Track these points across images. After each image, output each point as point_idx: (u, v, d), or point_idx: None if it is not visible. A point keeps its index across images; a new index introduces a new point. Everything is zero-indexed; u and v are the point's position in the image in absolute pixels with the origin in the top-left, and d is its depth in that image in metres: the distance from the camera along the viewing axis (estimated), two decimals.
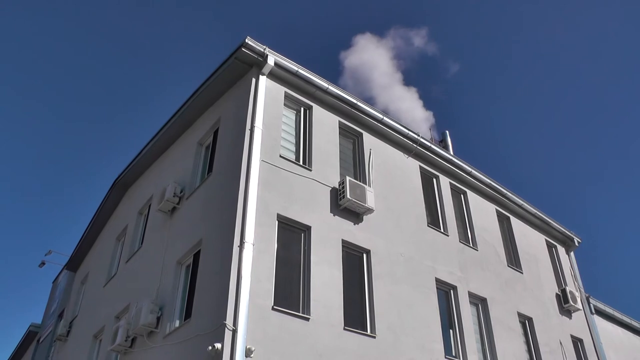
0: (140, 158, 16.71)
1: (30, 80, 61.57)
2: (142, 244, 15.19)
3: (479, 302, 14.64)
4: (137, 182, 17.90)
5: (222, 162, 12.09)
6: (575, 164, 59.15)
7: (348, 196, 11.86)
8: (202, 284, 10.78)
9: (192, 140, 14.24)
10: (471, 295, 14.34)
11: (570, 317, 18.15)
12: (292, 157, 12.23)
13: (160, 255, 13.27)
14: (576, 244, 20.62)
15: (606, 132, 58.60)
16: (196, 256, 11.66)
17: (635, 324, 22.52)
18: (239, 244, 9.79)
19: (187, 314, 11.12)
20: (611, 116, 57.00)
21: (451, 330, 13.38)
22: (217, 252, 10.50)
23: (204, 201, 12.08)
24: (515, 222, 18.08)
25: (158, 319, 11.79)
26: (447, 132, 20.27)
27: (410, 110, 31.41)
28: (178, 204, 13.19)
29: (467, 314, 13.81)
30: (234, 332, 8.99)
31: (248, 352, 8.98)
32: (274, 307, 9.84)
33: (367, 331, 11.11)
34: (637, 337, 22.60)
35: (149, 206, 15.72)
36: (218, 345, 8.89)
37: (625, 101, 55.70)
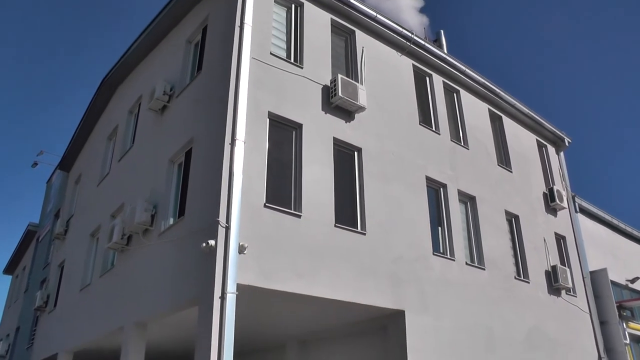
0: (127, 56, 16.36)
1: None
2: (133, 143, 15.18)
3: (468, 200, 14.94)
4: (126, 81, 17.63)
5: (212, 59, 11.85)
6: (570, 65, 58.48)
7: (340, 94, 11.75)
8: (194, 182, 10.89)
9: (180, 38, 13.88)
10: (460, 194, 14.60)
11: (555, 215, 18.61)
12: (283, 54, 11.98)
13: (152, 154, 13.32)
14: (566, 144, 20.76)
15: (602, 33, 57.52)
16: (188, 154, 11.71)
17: (616, 222, 23.17)
18: (230, 142, 9.78)
19: (181, 211, 11.32)
20: (609, 17, 55.74)
21: (440, 228, 13.74)
22: (209, 150, 10.52)
23: (195, 99, 11.96)
24: (507, 122, 18.10)
25: (152, 217, 12.00)
26: (442, 31, 19.81)
27: (406, 10, 30.44)
28: (168, 102, 13.06)
29: (456, 212, 14.13)
30: (227, 229, 9.18)
31: (241, 249, 9.21)
32: (266, 204, 9.99)
33: (357, 228, 11.38)
34: (617, 234, 23.34)
35: (139, 105, 15.58)
36: (212, 242, 9.12)
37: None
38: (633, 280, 22.19)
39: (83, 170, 20.62)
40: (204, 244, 9.11)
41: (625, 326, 19.59)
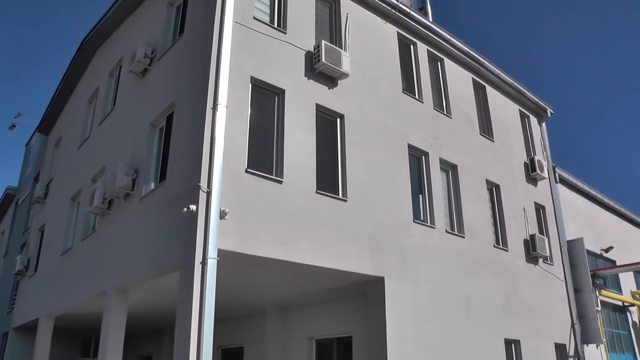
0: (107, 18, 16.05)
1: None
2: (114, 106, 14.99)
3: (450, 169, 15.03)
4: (107, 43, 17.31)
5: (194, 23, 11.66)
6: (554, 37, 58.44)
7: (323, 60, 11.65)
8: (175, 147, 10.82)
9: (162, 0, 13.61)
10: (442, 162, 14.68)
11: (535, 185, 18.83)
12: (267, 19, 11.81)
13: (133, 118, 13.18)
14: (549, 114, 20.89)
15: (589, 6, 57.42)
16: (169, 118, 11.60)
17: (594, 192, 23.53)
18: (212, 107, 9.68)
19: (162, 176, 11.25)
20: None
21: (421, 196, 13.83)
22: (191, 114, 10.42)
23: (176, 63, 11.80)
24: (491, 92, 18.12)
25: (133, 181, 11.94)
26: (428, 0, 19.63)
27: None
28: (149, 65, 12.87)
29: (437, 180, 14.22)
30: (208, 194, 9.15)
31: (222, 214, 9.19)
32: (248, 170, 9.96)
33: (338, 195, 11.40)
34: (595, 205, 23.73)
35: (120, 68, 15.34)
36: (193, 207, 9.09)
37: None
38: (607, 250, 22.67)
39: (63, 133, 20.36)
40: (185, 209, 9.09)
41: (597, 294, 20.08)
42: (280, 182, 10.38)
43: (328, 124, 12.03)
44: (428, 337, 12.33)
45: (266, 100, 11.05)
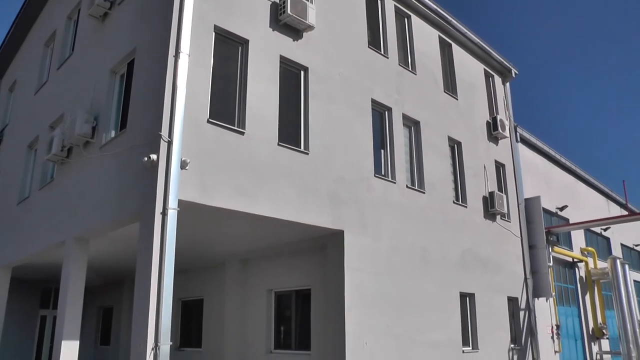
0: None
1: None
2: (73, 50, 14.52)
3: (412, 125, 15.13)
4: None
5: None
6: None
7: (289, 11, 11.45)
8: (136, 95, 10.58)
9: None
10: (405, 118, 14.76)
11: (496, 143, 19.15)
12: None
13: (93, 64, 12.81)
14: (513, 75, 21.11)
15: None
16: (130, 65, 11.30)
17: (552, 152, 24.08)
18: (174, 55, 9.46)
19: (123, 124, 11.05)
20: None
21: (382, 151, 13.94)
22: (152, 62, 10.18)
23: (138, 7, 11.42)
24: (457, 50, 18.15)
25: (93, 129, 11.69)
26: None
27: None
28: (110, 9, 12.43)
29: (400, 136, 14.32)
30: (169, 143, 9.03)
31: (183, 164, 9.11)
32: (210, 120, 9.84)
33: (300, 148, 11.41)
34: (553, 165, 24.31)
35: (79, 11, 14.78)
36: (153, 156, 8.98)
37: None
38: (562, 208, 23.37)
39: (18, 78, 19.68)
40: (146, 159, 8.97)
41: (550, 250, 20.78)
42: (242, 133, 10.30)
43: (292, 76, 11.91)
44: (385, 289, 12.64)
45: (229, 50, 10.85)
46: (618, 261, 23.11)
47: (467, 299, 15.89)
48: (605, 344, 25.12)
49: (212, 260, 15.75)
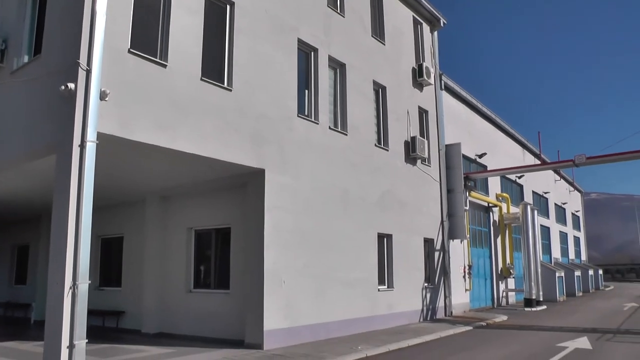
0: None
1: None
2: None
3: (338, 67, 15.24)
4: None
5: None
6: None
7: None
8: (52, 18, 10.01)
9: None
10: (331, 59, 14.83)
11: (421, 90, 19.59)
12: None
13: None
14: (441, 24, 21.46)
15: None
16: None
17: (475, 102, 24.89)
18: None
19: (37, 49, 10.49)
20: None
21: (307, 91, 14.02)
22: None
23: None
24: None
25: (2, 52, 11.07)
26: None
27: None
28: None
29: (325, 77, 14.41)
30: (88, 72, 8.70)
31: (103, 95, 8.82)
32: (131, 50, 9.50)
33: (223, 84, 11.28)
34: (475, 113, 25.17)
35: None
36: (71, 85, 8.63)
37: None
38: (481, 156, 24.37)
39: None
40: (63, 87, 8.61)
41: (467, 195, 21.77)
42: (165, 65, 10.07)
43: (217, 10, 11.65)
44: (305, 228, 12.97)
45: None
46: (529, 207, 24.54)
47: (385, 239, 16.53)
48: (511, 283, 26.93)
49: (133, 197, 15.58)
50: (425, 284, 18.38)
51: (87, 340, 8.32)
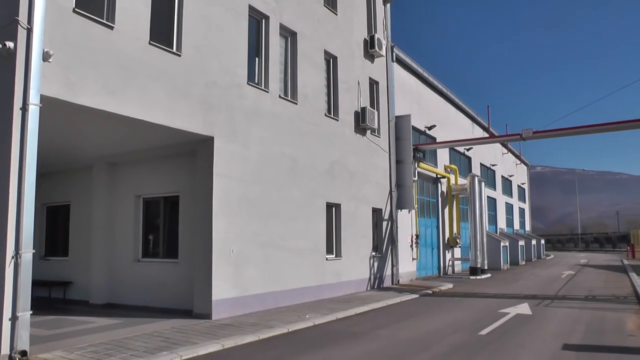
0: None
1: None
2: None
3: (289, 35, 15.19)
4: None
5: None
6: None
7: None
8: None
9: None
10: (282, 28, 14.75)
11: (372, 61, 19.73)
12: None
13: None
14: None
15: None
16: None
17: (426, 74, 25.24)
18: None
19: None
20: None
21: (257, 59, 13.94)
22: None
23: None
24: None
25: None
26: None
27: None
28: None
29: (275, 45, 14.35)
30: (29, 31, 8.37)
31: (46, 56, 8.53)
32: (75, 9, 9.15)
33: (172, 49, 11.09)
34: (425, 86, 25.54)
35: None
36: (10, 44, 8.27)
37: None
38: (430, 128, 24.82)
39: None
40: (1, 46, 8.31)
41: (416, 166, 22.22)
42: (112, 27, 9.80)
43: None
44: (253, 196, 13.03)
45: None
46: (476, 178, 25.24)
47: (334, 208, 16.76)
48: (457, 252, 27.77)
49: (79, 163, 15.28)
50: (373, 253, 18.79)
51: (31, 312, 8.14)
